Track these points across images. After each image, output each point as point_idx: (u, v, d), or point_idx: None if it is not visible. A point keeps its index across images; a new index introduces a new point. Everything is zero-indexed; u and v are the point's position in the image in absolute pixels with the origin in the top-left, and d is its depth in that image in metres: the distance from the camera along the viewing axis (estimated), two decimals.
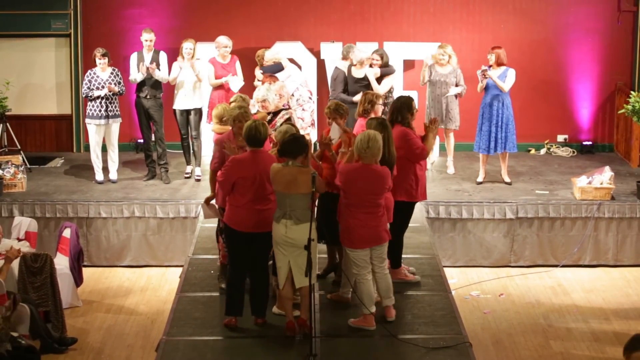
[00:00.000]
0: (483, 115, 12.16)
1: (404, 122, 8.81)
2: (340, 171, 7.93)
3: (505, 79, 11.96)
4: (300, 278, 7.70)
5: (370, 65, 12.30)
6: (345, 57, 12.44)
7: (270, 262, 8.37)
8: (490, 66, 12.08)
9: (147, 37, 12.37)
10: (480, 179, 12.51)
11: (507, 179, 12.44)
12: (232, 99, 9.77)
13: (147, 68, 12.16)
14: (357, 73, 12.27)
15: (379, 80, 12.23)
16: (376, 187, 7.88)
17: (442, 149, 13.99)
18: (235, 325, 8.14)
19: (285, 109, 10.21)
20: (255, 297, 8.16)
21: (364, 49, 12.69)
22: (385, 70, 12.35)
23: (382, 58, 12.37)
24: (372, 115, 9.06)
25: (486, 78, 11.94)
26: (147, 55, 12.38)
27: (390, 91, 12.30)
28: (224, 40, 12.53)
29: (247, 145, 7.97)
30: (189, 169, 12.81)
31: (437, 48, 12.57)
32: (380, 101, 9.35)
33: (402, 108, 8.85)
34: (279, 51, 12.53)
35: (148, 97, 12.35)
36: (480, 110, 12.19)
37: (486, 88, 12.05)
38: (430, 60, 12.63)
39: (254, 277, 8.11)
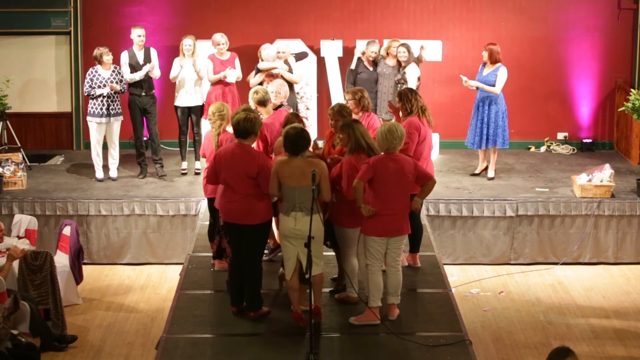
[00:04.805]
0: (474, 112, 12.33)
1: (412, 112, 9.08)
2: (369, 164, 7.92)
3: (496, 78, 11.99)
4: (312, 267, 7.72)
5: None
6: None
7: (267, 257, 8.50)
8: (484, 63, 12.15)
9: (140, 33, 12.31)
10: (477, 171, 12.71)
11: (490, 174, 12.49)
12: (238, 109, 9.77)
13: (149, 69, 12.14)
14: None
15: None
16: (402, 174, 7.93)
17: (442, 147, 14.03)
18: (238, 311, 8.33)
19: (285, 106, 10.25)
20: (245, 292, 8.28)
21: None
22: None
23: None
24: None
25: (468, 85, 12.12)
26: (139, 53, 12.34)
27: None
28: (217, 37, 12.49)
29: (235, 135, 8.19)
30: (184, 164, 12.83)
31: (396, 43, 12.56)
32: (349, 96, 9.53)
33: (411, 97, 9.13)
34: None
35: (145, 94, 12.35)
36: (474, 107, 12.34)
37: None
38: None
39: (243, 271, 8.21)
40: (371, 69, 12.50)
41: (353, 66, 12.64)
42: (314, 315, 7.92)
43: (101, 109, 12.12)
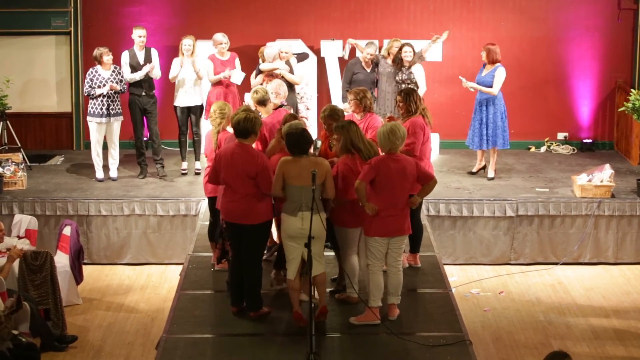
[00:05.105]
0: (475, 113, 12.34)
1: (416, 112, 9.10)
2: (370, 165, 7.92)
3: (493, 79, 11.99)
4: (316, 266, 7.76)
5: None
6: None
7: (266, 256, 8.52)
8: (484, 64, 12.16)
9: (141, 33, 12.31)
10: (474, 170, 12.76)
11: (490, 175, 12.51)
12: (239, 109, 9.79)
13: (149, 69, 12.14)
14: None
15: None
16: (404, 174, 7.93)
17: (442, 147, 14.03)
18: (238, 311, 8.34)
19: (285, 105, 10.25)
20: (245, 292, 8.28)
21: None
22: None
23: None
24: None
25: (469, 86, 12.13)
26: (140, 53, 12.33)
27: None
28: (219, 37, 12.52)
29: (235, 135, 8.20)
30: (184, 165, 12.84)
31: (397, 43, 12.53)
32: (351, 96, 9.49)
33: (415, 97, 9.16)
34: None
35: (145, 94, 12.34)
36: (474, 107, 12.35)
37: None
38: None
39: (243, 272, 8.20)
40: (368, 70, 12.47)
41: (346, 56, 12.71)
42: (320, 314, 7.95)
43: (101, 109, 12.12)
